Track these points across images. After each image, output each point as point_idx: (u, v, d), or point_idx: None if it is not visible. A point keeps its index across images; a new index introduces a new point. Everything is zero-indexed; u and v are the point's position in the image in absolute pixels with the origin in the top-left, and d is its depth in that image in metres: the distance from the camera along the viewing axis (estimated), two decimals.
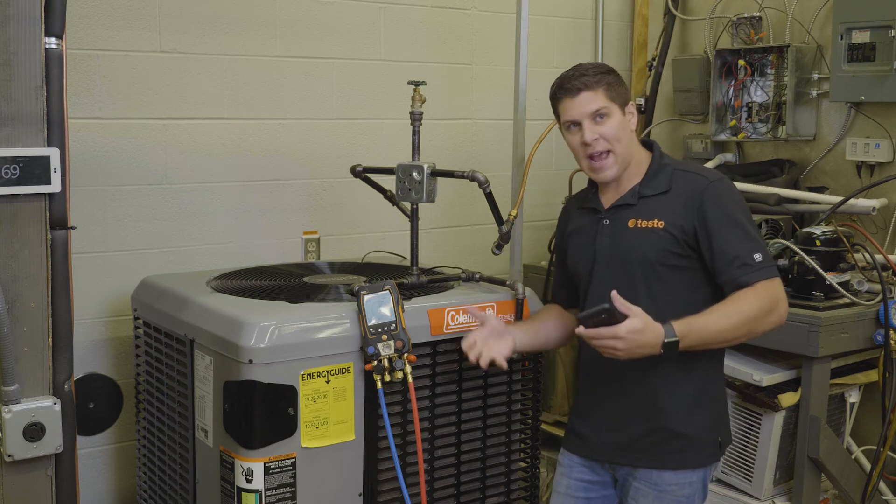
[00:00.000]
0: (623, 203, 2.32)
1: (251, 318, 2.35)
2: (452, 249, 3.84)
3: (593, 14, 4.20)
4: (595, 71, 2.29)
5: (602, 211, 2.35)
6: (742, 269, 2.19)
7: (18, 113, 2.19)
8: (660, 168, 2.33)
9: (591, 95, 2.26)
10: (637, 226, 2.28)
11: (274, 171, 3.41)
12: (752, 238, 2.23)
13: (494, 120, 3.89)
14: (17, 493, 2.28)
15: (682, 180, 2.29)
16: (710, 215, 2.22)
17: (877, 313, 2.86)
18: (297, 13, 3.40)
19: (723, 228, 2.21)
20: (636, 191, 2.32)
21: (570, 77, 2.30)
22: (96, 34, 3.04)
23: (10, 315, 2.21)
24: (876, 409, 3.02)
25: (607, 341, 2.09)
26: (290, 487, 2.36)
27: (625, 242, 2.29)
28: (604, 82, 2.27)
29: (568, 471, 2.43)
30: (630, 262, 2.27)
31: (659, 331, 2.10)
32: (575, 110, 2.28)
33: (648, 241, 2.26)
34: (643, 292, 2.25)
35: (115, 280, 3.12)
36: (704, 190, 2.24)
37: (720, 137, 3.82)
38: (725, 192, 2.27)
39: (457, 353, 2.61)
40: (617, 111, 2.28)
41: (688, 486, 2.30)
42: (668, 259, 2.25)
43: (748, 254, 2.19)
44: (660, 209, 2.27)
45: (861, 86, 3.30)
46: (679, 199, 2.26)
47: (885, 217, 3.33)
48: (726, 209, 2.23)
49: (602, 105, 2.26)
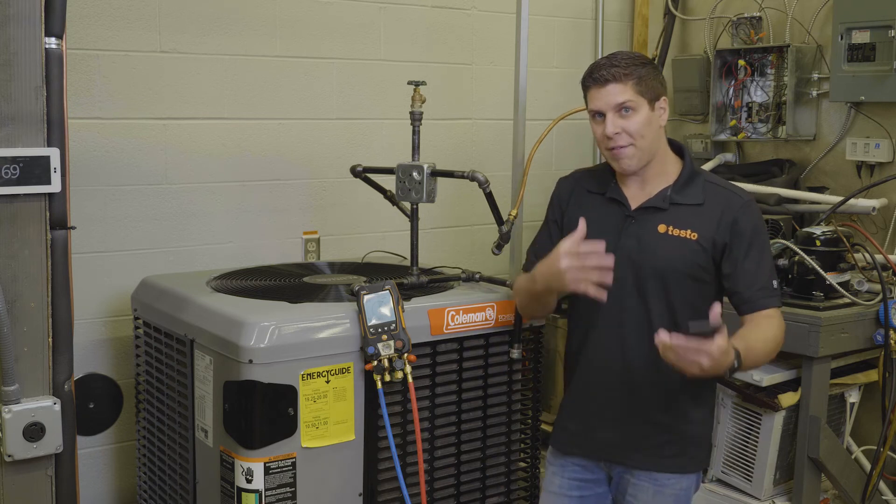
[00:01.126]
0: (653, 206, 2.28)
1: (251, 318, 2.35)
2: (452, 249, 3.84)
3: (593, 14, 4.19)
4: (629, 62, 2.22)
5: (628, 208, 2.30)
6: (761, 292, 2.23)
7: (18, 113, 2.19)
8: (692, 177, 2.30)
9: (619, 87, 2.20)
10: (669, 233, 2.25)
11: (274, 171, 3.41)
12: (771, 263, 2.28)
13: (494, 120, 3.89)
14: (17, 493, 2.28)
15: (716, 195, 2.27)
16: (743, 235, 2.23)
17: (877, 313, 2.86)
18: (297, 13, 3.40)
19: (751, 251, 2.23)
20: (667, 195, 2.27)
21: (602, 66, 2.24)
22: (96, 34, 3.04)
23: (10, 315, 2.21)
24: (876, 409, 3.02)
25: (692, 358, 1.97)
26: (290, 487, 2.36)
27: (653, 247, 2.25)
28: (635, 75, 2.21)
29: (560, 470, 2.41)
30: (655, 268, 2.24)
31: (732, 352, 2.05)
32: (601, 101, 2.23)
33: (680, 251, 2.24)
34: (661, 300, 2.24)
35: (115, 280, 3.11)
36: (739, 209, 2.25)
37: (720, 137, 3.82)
38: (757, 214, 2.29)
39: (457, 353, 2.61)
40: (645, 106, 2.22)
41: (685, 480, 2.31)
42: (694, 271, 2.24)
43: (768, 279, 2.25)
44: (693, 220, 2.25)
45: (861, 86, 3.30)
46: (713, 213, 2.25)
47: (885, 217, 3.33)
48: (757, 231, 2.26)
49: (628, 98, 2.20)
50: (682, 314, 2.22)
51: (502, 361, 2.71)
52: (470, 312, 2.61)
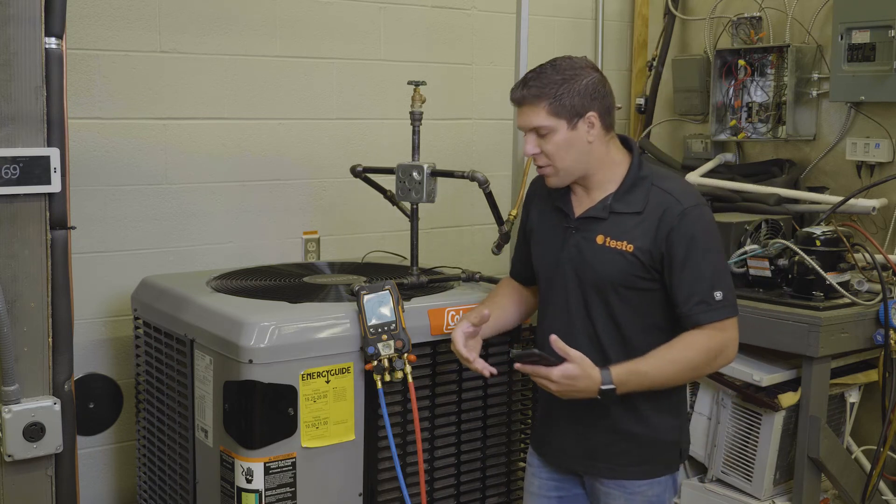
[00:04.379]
0: (592, 215, 2.21)
1: (251, 318, 2.35)
2: (452, 249, 3.84)
3: (593, 14, 4.20)
4: (544, 83, 2.12)
5: (571, 218, 2.25)
6: (699, 306, 2.12)
7: (18, 113, 2.19)
8: (636, 181, 2.20)
9: (531, 111, 2.14)
10: (606, 244, 2.18)
11: (274, 171, 3.41)
12: (716, 273, 2.14)
13: (494, 120, 3.89)
14: (17, 493, 2.28)
15: (658, 200, 2.16)
16: (678, 246, 2.12)
17: (877, 313, 2.86)
18: (297, 13, 3.40)
19: (687, 262, 2.12)
20: (607, 204, 2.20)
21: (518, 85, 2.18)
22: (96, 34, 3.04)
23: (10, 315, 2.21)
24: (876, 409, 3.01)
25: (541, 381, 2.10)
26: (290, 487, 2.36)
27: (591, 259, 2.20)
28: (549, 96, 2.11)
29: (538, 470, 2.40)
30: (594, 278, 2.19)
31: (596, 378, 2.06)
32: (519, 120, 2.20)
33: (615, 263, 2.17)
34: (601, 310, 2.20)
35: (115, 280, 3.12)
36: (677, 217, 2.13)
37: (720, 137, 3.82)
38: (698, 221, 2.14)
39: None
40: (563, 127, 2.13)
41: (657, 485, 2.26)
42: (633, 282, 2.17)
43: (708, 291, 2.12)
44: (630, 230, 2.16)
45: (861, 86, 3.29)
46: (651, 222, 2.15)
47: (885, 217, 3.33)
48: (695, 241, 2.12)
49: (541, 123, 2.13)
50: (627, 324, 2.18)
51: (502, 361, 2.71)
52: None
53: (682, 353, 2.13)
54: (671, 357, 2.12)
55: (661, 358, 2.12)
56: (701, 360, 2.14)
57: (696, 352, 2.13)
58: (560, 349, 2.06)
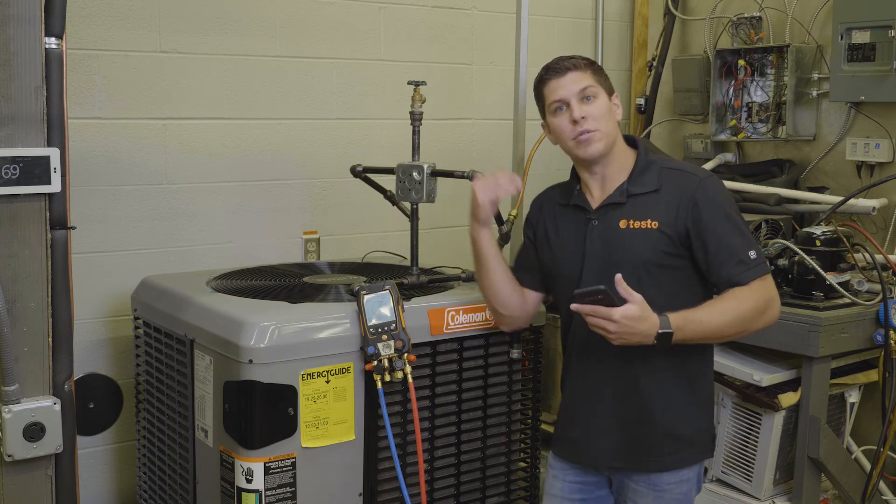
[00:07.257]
0: (612, 202, 2.27)
1: (251, 318, 2.35)
2: (452, 249, 3.83)
3: (593, 14, 4.20)
4: (581, 57, 2.29)
5: (590, 211, 2.29)
6: (738, 266, 2.18)
7: (18, 113, 2.19)
8: (647, 165, 2.29)
9: (579, 75, 2.25)
10: (630, 226, 2.24)
11: (274, 171, 3.41)
12: (744, 235, 2.21)
13: (494, 120, 3.89)
14: (17, 493, 2.28)
15: (672, 178, 2.25)
16: (704, 214, 2.19)
17: (877, 313, 2.86)
18: (297, 13, 3.40)
19: (717, 227, 2.19)
20: (624, 189, 2.26)
21: (558, 60, 2.30)
22: (96, 34, 3.04)
23: (10, 315, 2.21)
24: (876, 409, 3.02)
25: (601, 321, 2.07)
26: (290, 487, 2.36)
27: (618, 244, 2.24)
28: (591, 67, 2.28)
29: (561, 474, 2.40)
30: (624, 264, 2.20)
31: (655, 321, 2.08)
32: (563, 89, 2.25)
33: (643, 242, 2.22)
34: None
35: (115, 280, 3.12)
36: (696, 188, 2.21)
37: (720, 137, 3.82)
38: (717, 189, 2.25)
39: (457, 353, 2.61)
40: (604, 94, 2.26)
41: (685, 483, 2.30)
42: (663, 259, 2.22)
43: (744, 251, 2.18)
44: (652, 209, 2.23)
45: (861, 86, 3.29)
46: (670, 197, 2.22)
47: (885, 217, 3.33)
48: (720, 206, 2.21)
49: (590, 83, 2.24)
50: (659, 306, 2.16)
51: (502, 361, 2.71)
52: (470, 312, 2.61)
53: (733, 304, 2.16)
54: (722, 307, 2.17)
55: (713, 308, 2.17)
56: (750, 312, 2.17)
57: (744, 303, 2.16)
58: (624, 290, 2.06)
